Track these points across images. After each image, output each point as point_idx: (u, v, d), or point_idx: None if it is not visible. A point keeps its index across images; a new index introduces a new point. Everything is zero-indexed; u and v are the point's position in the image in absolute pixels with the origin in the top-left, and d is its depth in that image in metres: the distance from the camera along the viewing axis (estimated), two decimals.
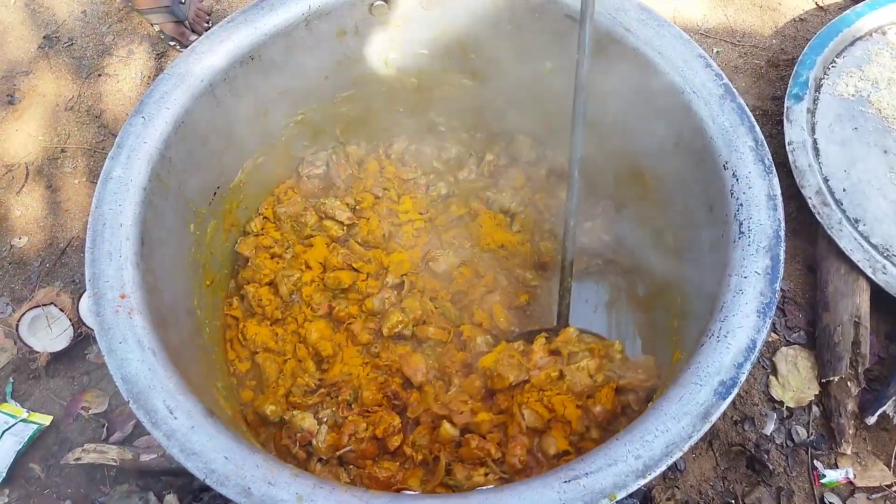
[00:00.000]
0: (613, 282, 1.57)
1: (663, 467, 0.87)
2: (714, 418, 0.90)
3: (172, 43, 2.09)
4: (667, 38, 1.23)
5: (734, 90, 1.16)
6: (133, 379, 0.97)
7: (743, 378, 0.93)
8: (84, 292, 1.64)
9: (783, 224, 1.04)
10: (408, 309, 1.43)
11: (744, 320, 0.97)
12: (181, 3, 2.05)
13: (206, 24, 2.13)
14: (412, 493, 1.14)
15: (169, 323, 1.11)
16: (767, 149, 1.11)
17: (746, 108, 1.14)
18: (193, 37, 2.08)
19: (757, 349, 0.95)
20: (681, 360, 1.06)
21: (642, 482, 0.87)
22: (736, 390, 0.92)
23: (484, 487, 1.00)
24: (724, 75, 1.18)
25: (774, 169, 1.09)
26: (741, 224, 1.05)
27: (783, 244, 1.03)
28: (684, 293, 1.26)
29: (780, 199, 1.06)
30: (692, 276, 1.23)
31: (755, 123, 1.13)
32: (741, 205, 1.06)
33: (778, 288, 0.99)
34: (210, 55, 1.25)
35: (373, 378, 1.37)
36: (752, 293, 0.99)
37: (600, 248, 1.56)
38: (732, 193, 1.08)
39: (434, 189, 1.63)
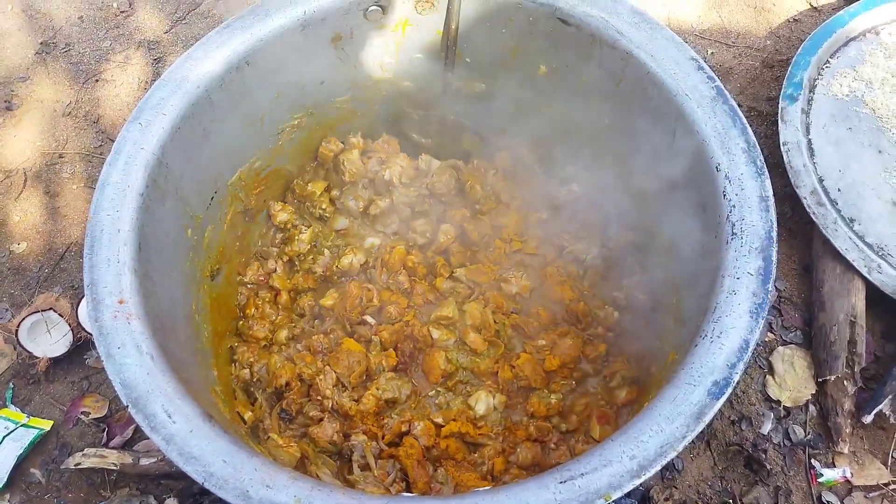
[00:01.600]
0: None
1: (658, 467, 0.88)
2: (708, 418, 0.91)
3: None
4: (659, 41, 1.24)
5: (726, 92, 1.17)
6: (132, 384, 0.97)
7: (736, 378, 0.94)
8: (83, 297, 1.64)
9: (775, 225, 1.05)
10: (467, 313, 1.43)
11: (737, 321, 0.98)
12: None
13: None
14: (409, 495, 1.15)
15: (167, 328, 1.12)
16: (759, 150, 1.11)
17: (738, 110, 1.15)
18: None
19: (750, 349, 0.96)
20: (676, 361, 1.07)
21: (637, 482, 0.87)
22: (729, 390, 0.93)
23: (480, 489, 1.00)
24: (716, 77, 1.19)
25: (766, 170, 1.09)
26: (734, 225, 1.06)
27: (775, 245, 1.03)
28: (679, 294, 1.27)
29: (772, 200, 1.07)
30: (687, 278, 1.24)
31: (747, 125, 1.14)
32: (734, 206, 1.07)
33: (770, 288, 1.00)
34: (206, 61, 1.26)
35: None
36: (745, 294, 1.00)
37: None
38: (725, 195, 1.09)
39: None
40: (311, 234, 1.56)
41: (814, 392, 1.61)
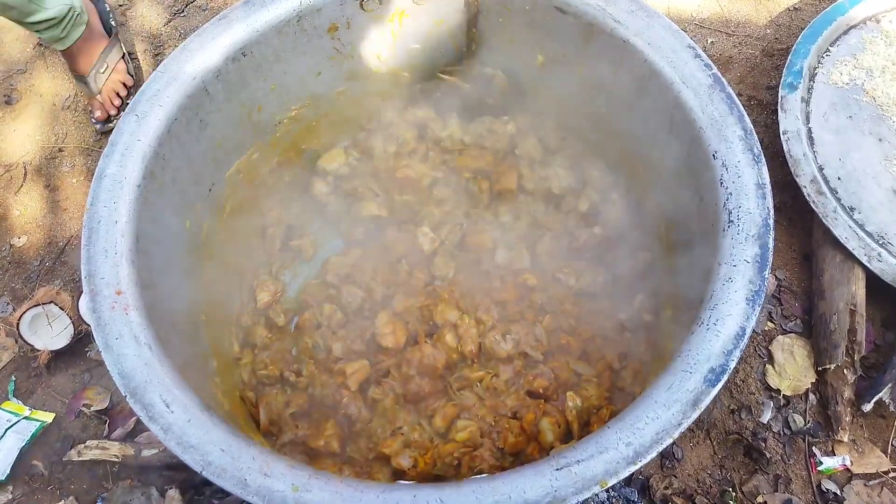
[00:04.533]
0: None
1: (654, 454, 0.88)
2: (704, 405, 0.91)
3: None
4: (656, 29, 1.23)
5: (723, 80, 1.17)
6: (130, 374, 0.98)
7: (732, 365, 0.94)
8: None
9: (772, 212, 1.05)
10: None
11: (733, 308, 0.98)
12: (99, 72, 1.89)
13: (116, 102, 1.95)
14: (406, 482, 1.16)
15: (165, 319, 1.12)
16: (756, 138, 1.11)
17: (735, 98, 1.15)
18: (97, 112, 1.93)
19: (746, 336, 0.96)
20: (672, 349, 1.07)
21: (633, 468, 0.88)
22: (725, 377, 0.93)
23: (477, 476, 1.01)
24: (713, 65, 1.18)
25: (763, 158, 1.09)
26: (730, 213, 1.05)
27: (772, 232, 1.03)
28: (677, 283, 1.27)
29: (769, 187, 1.07)
30: (684, 266, 1.24)
31: (744, 113, 1.13)
32: (730, 194, 1.07)
33: (767, 276, 1.00)
34: (202, 52, 1.26)
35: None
36: (742, 281, 1.00)
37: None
38: (722, 183, 1.09)
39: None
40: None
41: (813, 381, 1.61)
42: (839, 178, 1.72)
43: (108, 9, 1.99)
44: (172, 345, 1.07)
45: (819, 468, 1.53)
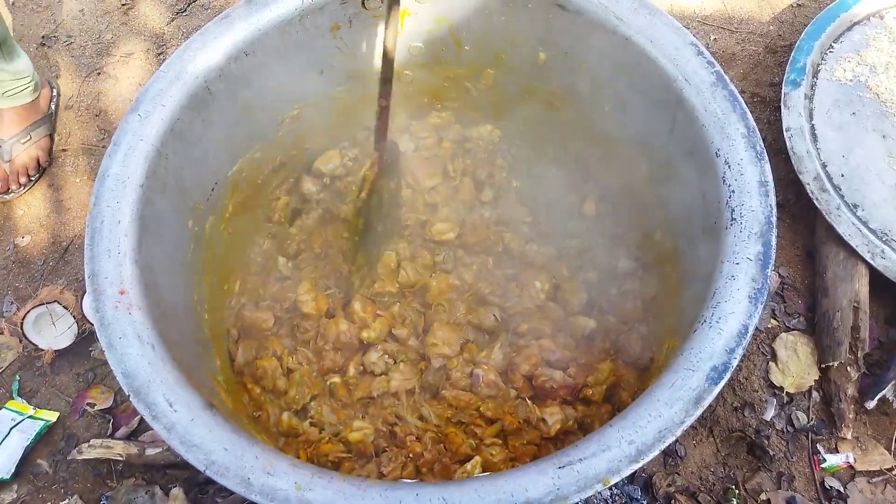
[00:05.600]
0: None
1: (656, 452, 0.88)
2: (706, 403, 0.91)
3: None
4: (658, 27, 1.23)
5: (726, 77, 1.16)
6: (133, 373, 0.98)
7: (735, 363, 0.94)
8: None
9: (775, 210, 1.05)
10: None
11: (736, 306, 0.98)
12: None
13: (22, 180, 1.88)
14: (409, 481, 1.16)
15: (169, 318, 1.12)
16: (759, 135, 1.11)
17: (738, 95, 1.14)
18: (14, 186, 1.88)
19: (749, 334, 0.96)
20: (675, 347, 1.07)
21: (635, 467, 0.88)
22: (728, 375, 0.93)
23: (480, 475, 1.01)
24: (715, 63, 1.18)
25: (766, 155, 1.09)
26: (733, 211, 1.05)
27: (775, 230, 1.03)
28: (680, 281, 1.27)
29: (771, 185, 1.07)
30: (687, 264, 1.24)
31: (747, 110, 1.13)
32: (733, 191, 1.07)
33: (770, 273, 1.00)
34: (205, 52, 1.25)
35: None
36: (744, 279, 0.99)
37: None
38: (724, 180, 1.08)
39: None
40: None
41: (817, 378, 1.61)
42: (842, 175, 1.71)
43: (55, 94, 2.01)
44: (175, 344, 1.07)
45: (822, 465, 1.52)
